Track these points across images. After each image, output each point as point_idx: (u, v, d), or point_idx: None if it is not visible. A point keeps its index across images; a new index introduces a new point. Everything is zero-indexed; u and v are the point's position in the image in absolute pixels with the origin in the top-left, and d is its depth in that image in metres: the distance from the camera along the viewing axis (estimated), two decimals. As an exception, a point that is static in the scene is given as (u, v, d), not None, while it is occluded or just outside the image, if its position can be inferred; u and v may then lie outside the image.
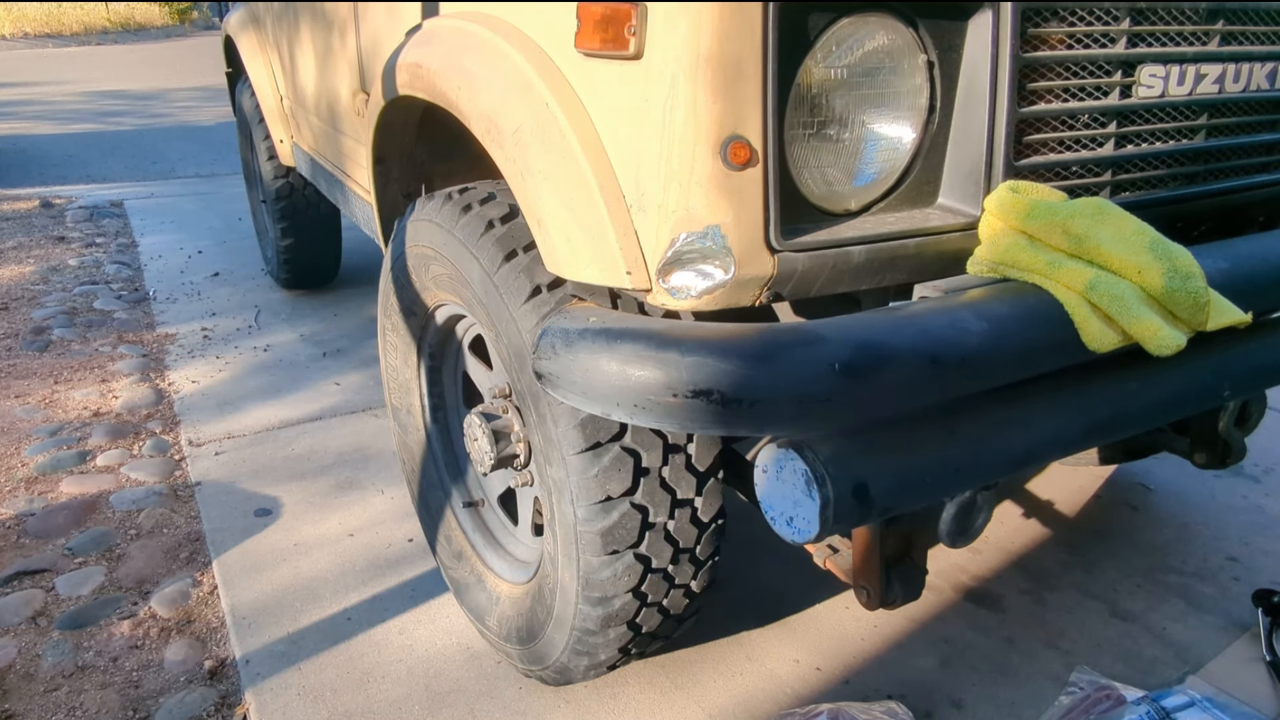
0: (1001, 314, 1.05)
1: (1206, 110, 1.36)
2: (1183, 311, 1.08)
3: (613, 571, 1.37)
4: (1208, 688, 1.68)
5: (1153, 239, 1.09)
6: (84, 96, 11.48)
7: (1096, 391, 1.17)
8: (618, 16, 1.07)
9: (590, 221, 1.14)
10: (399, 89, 1.62)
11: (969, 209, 1.19)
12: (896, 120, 1.15)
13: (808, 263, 1.09)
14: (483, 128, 1.31)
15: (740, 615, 1.93)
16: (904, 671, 1.77)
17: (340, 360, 3.31)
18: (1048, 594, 1.99)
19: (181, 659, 1.83)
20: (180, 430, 2.76)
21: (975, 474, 1.10)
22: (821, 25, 1.06)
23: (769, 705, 1.69)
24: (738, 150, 1.03)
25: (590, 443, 1.30)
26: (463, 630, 1.89)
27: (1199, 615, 1.92)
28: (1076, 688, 1.63)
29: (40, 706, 1.70)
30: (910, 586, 1.31)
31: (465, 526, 1.87)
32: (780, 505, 1.03)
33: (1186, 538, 2.19)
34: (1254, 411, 1.62)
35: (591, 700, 1.69)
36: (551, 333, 1.15)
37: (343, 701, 1.70)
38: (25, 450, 2.61)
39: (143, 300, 3.97)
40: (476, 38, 1.37)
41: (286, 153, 3.34)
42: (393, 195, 2.02)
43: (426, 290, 1.68)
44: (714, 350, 0.97)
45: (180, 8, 23.30)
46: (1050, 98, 1.21)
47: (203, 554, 2.15)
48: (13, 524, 2.26)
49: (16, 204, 5.72)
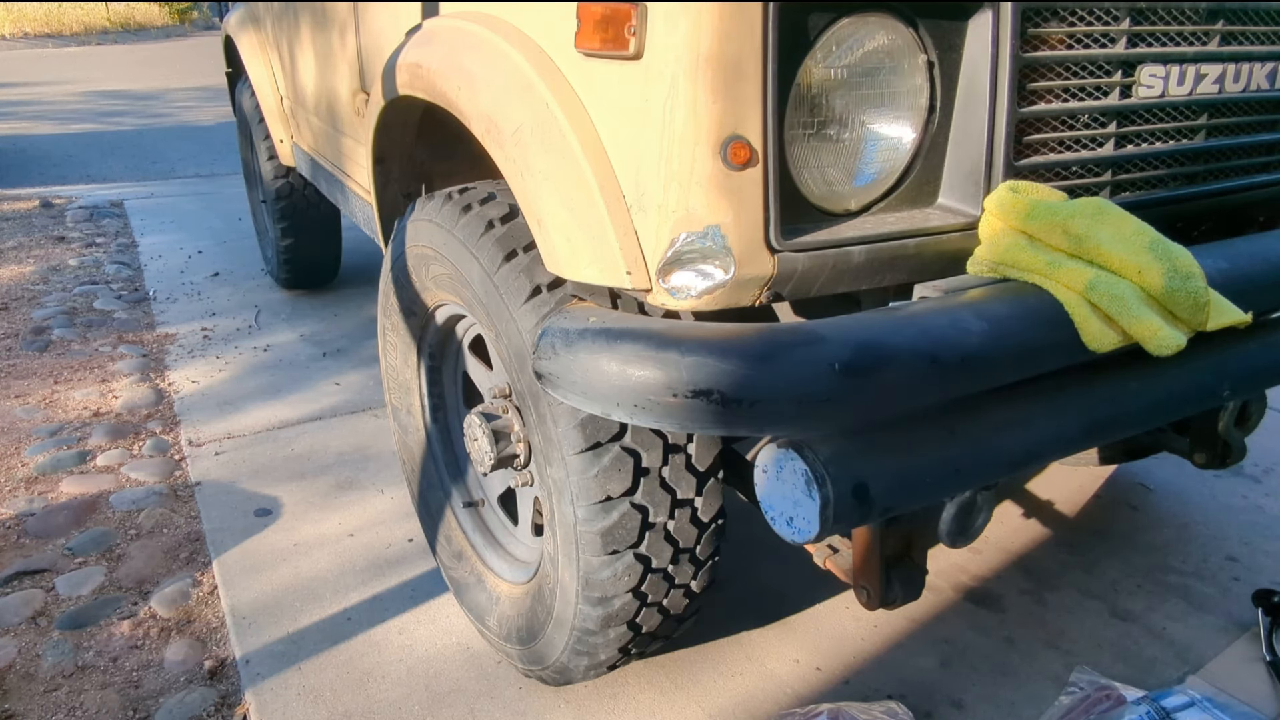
0: (1001, 314, 1.05)
1: (1206, 110, 1.36)
2: (1183, 311, 1.08)
3: (613, 571, 1.37)
4: (1208, 688, 1.68)
5: (1153, 239, 1.09)
6: (84, 96, 11.49)
7: (1096, 391, 1.17)
8: (618, 16, 1.07)
9: (590, 221, 1.14)
10: (399, 89, 1.62)
11: (969, 209, 1.19)
12: (896, 120, 1.15)
13: (808, 263, 1.09)
14: (483, 128, 1.31)
15: (740, 615, 1.93)
16: (904, 671, 1.77)
17: (340, 360, 3.31)
18: (1048, 594, 1.99)
19: (181, 659, 1.83)
20: (180, 430, 2.76)
21: (975, 474, 1.10)
22: (821, 25, 1.06)
23: (769, 705, 1.69)
24: (738, 150, 1.03)
25: (590, 443, 1.30)
26: (463, 630, 1.89)
27: (1199, 615, 1.92)
28: (1076, 688, 1.63)
29: (40, 706, 1.70)
30: (910, 586, 1.31)
31: (465, 526, 1.87)
32: (780, 505, 1.03)
33: (1186, 538, 2.19)
34: (1254, 411, 1.62)
35: (591, 700, 1.69)
36: (551, 333, 1.15)
37: (343, 701, 1.70)
38: (25, 450, 2.61)
39: (143, 300, 3.97)
40: (476, 38, 1.37)
41: (286, 153, 3.34)
42: (393, 195, 2.02)
43: (426, 290, 1.68)
44: (714, 350, 0.97)
45: (180, 8, 23.30)
46: (1050, 98, 1.21)
47: (203, 554, 2.16)
48: (13, 524, 2.26)
49: (16, 204, 5.72)
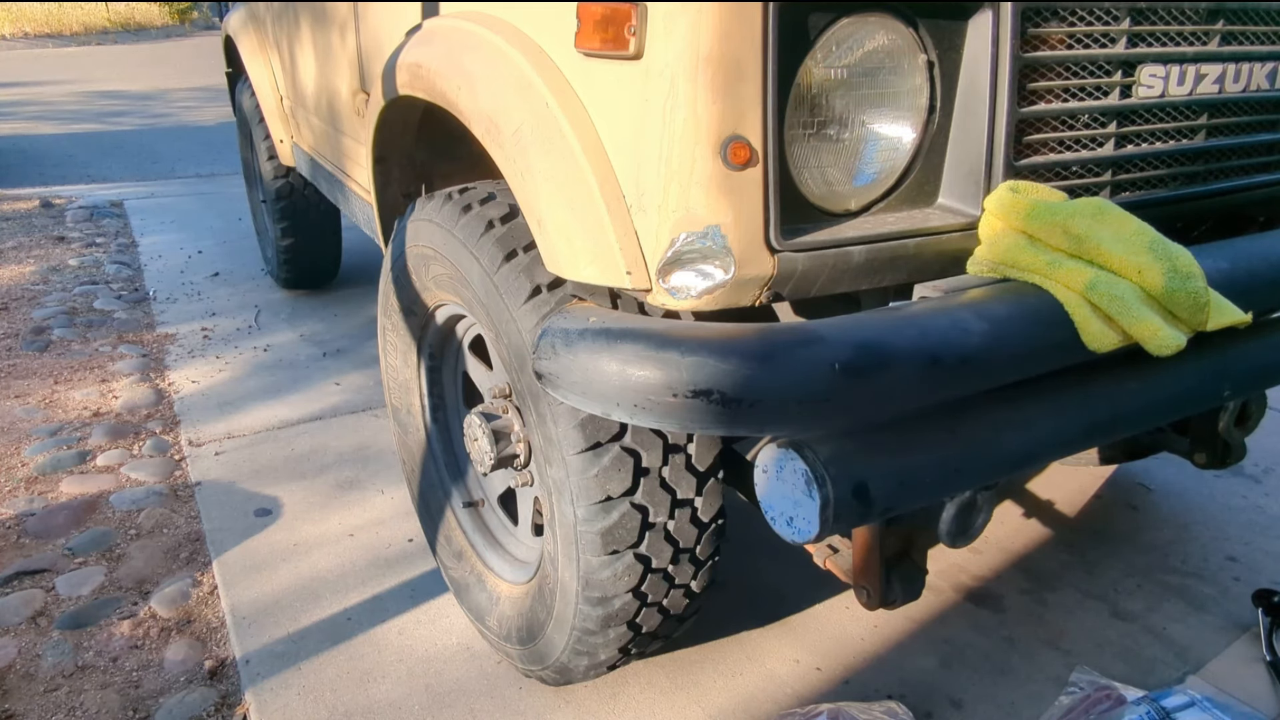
0: (1001, 314, 1.05)
1: (1206, 110, 1.36)
2: (1183, 311, 1.08)
3: (613, 571, 1.37)
4: (1208, 688, 1.68)
5: (1153, 239, 1.09)
6: (84, 96, 11.49)
7: (1096, 391, 1.17)
8: (618, 16, 1.07)
9: (590, 222, 1.14)
10: (399, 89, 1.62)
11: (969, 209, 1.19)
12: (896, 120, 1.15)
13: (808, 263, 1.09)
14: (483, 128, 1.31)
15: (740, 615, 1.93)
16: (904, 671, 1.77)
17: (340, 360, 3.31)
18: (1048, 594, 1.99)
19: (181, 659, 1.83)
20: (180, 430, 2.76)
21: (975, 474, 1.10)
22: (821, 25, 1.06)
23: (769, 705, 1.69)
24: (738, 150, 1.03)
25: (590, 443, 1.30)
26: (463, 630, 1.89)
27: (1199, 615, 1.92)
28: (1076, 688, 1.63)
29: (40, 706, 1.70)
30: (910, 586, 1.31)
31: (465, 526, 1.87)
32: (780, 505, 1.03)
33: (1186, 538, 2.19)
34: (1254, 411, 1.62)
35: (591, 700, 1.69)
36: (551, 333, 1.15)
37: (343, 701, 1.70)
38: (25, 450, 2.61)
39: (143, 300, 3.97)
40: (476, 38, 1.37)
41: (286, 153, 3.34)
42: (393, 195, 2.02)
43: (426, 290, 1.68)
44: (714, 350, 0.97)
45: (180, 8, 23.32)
46: (1050, 98, 1.21)
47: (203, 554, 2.15)
48: (13, 524, 2.26)
49: (16, 204, 5.72)
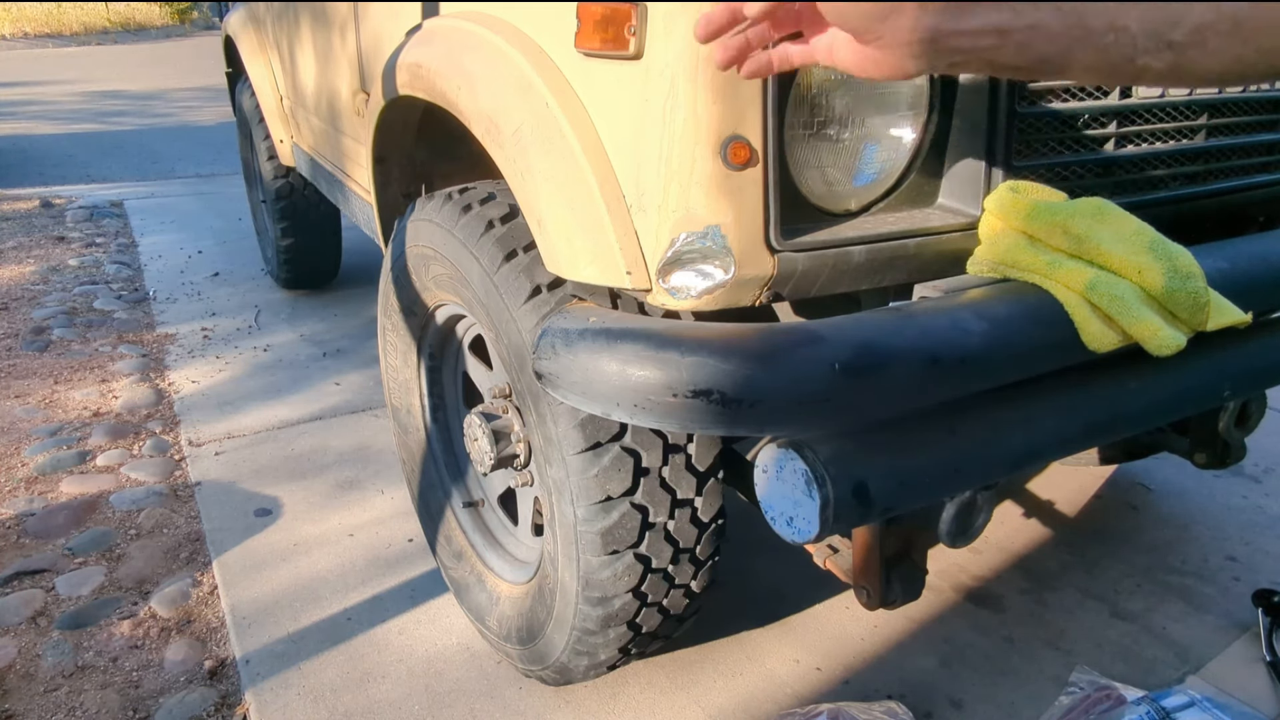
0: (1001, 314, 1.05)
1: (1206, 110, 1.36)
2: (1183, 311, 1.08)
3: (613, 571, 1.37)
4: (1208, 688, 1.68)
5: (1153, 239, 1.09)
6: (84, 96, 11.49)
7: (1096, 391, 1.17)
8: (618, 16, 1.07)
9: (590, 222, 1.14)
10: (399, 89, 1.62)
11: (969, 209, 1.19)
12: (896, 120, 1.15)
13: (808, 263, 1.09)
14: (483, 128, 1.31)
15: (740, 615, 1.93)
16: (904, 671, 1.77)
17: (340, 360, 3.31)
18: (1048, 594, 1.99)
19: (181, 659, 1.83)
20: (180, 430, 2.76)
21: (975, 474, 1.10)
22: (821, 25, 1.06)
23: (769, 705, 1.69)
24: (738, 150, 1.03)
25: (590, 443, 1.30)
26: (463, 630, 1.89)
27: (1199, 615, 1.92)
28: (1076, 688, 1.63)
29: (40, 706, 1.70)
30: (910, 586, 1.31)
31: (465, 526, 1.87)
32: (780, 505, 1.03)
33: (1186, 538, 2.19)
34: (1254, 411, 1.62)
35: (591, 700, 1.69)
36: (551, 333, 1.15)
37: (343, 701, 1.70)
38: (25, 450, 2.61)
39: (143, 300, 3.97)
40: (476, 38, 1.37)
41: (286, 153, 3.34)
42: (393, 195, 2.02)
43: (426, 290, 1.68)
44: (714, 350, 0.96)
45: (180, 8, 23.32)
46: (1050, 98, 1.21)
47: (203, 554, 2.15)
48: (13, 524, 2.26)
49: (16, 204, 5.72)
